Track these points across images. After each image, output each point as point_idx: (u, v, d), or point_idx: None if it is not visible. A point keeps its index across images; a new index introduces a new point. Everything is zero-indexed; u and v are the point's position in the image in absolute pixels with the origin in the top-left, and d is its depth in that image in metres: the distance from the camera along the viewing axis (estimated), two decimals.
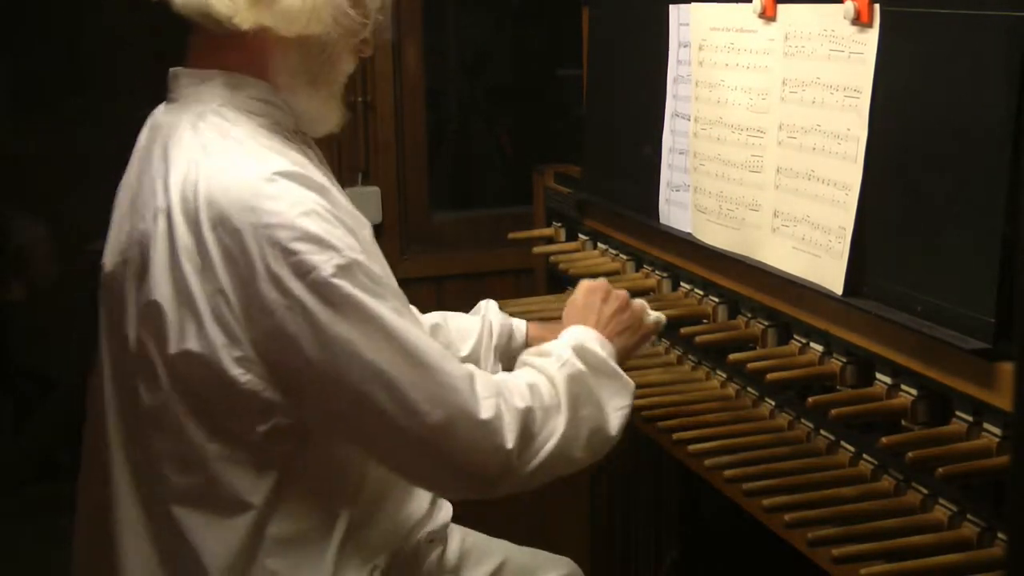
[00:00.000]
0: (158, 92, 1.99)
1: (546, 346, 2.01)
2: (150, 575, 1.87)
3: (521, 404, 1.86)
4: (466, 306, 2.46)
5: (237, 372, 1.77)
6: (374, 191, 3.51)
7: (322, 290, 1.74)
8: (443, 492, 1.99)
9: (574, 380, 1.94)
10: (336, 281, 1.74)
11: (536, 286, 3.10)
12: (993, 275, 1.69)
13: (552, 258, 2.86)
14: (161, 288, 1.79)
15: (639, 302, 2.17)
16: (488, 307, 2.39)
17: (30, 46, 4.29)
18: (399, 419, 1.78)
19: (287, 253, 1.73)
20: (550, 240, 2.97)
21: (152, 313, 1.80)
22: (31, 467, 4.36)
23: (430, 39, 3.76)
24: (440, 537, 2.12)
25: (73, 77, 4.32)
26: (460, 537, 2.22)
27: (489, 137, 4.43)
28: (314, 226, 1.75)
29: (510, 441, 1.83)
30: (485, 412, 1.81)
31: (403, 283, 1.99)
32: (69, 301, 4.34)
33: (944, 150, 1.80)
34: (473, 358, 2.31)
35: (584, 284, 2.17)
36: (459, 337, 2.32)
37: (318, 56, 1.92)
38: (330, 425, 1.84)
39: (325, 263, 1.73)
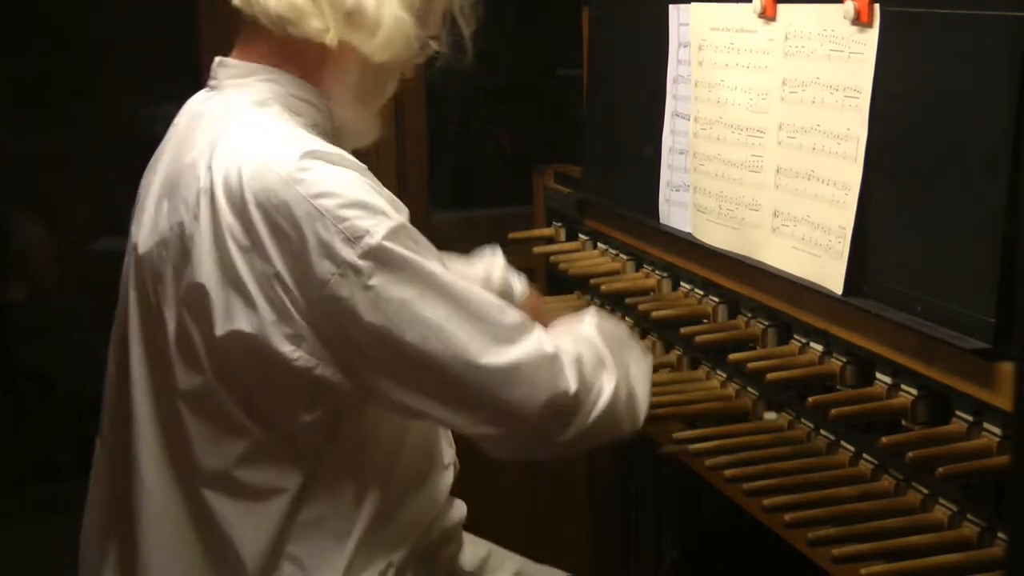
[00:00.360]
0: (157, 92, 1.99)
1: (569, 320, 2.06)
2: (184, 557, 1.87)
3: (573, 351, 1.89)
4: None
5: (287, 349, 1.77)
6: None
7: (374, 254, 1.75)
8: (507, 447, 1.93)
9: (609, 340, 2.00)
10: (388, 244, 1.76)
11: (536, 286, 3.10)
12: (993, 275, 1.69)
13: (552, 258, 2.86)
14: (205, 270, 1.79)
15: None
16: (494, 255, 2.44)
17: (30, 46, 4.29)
18: (461, 374, 1.79)
19: (337, 220, 1.75)
20: (550, 240, 2.97)
21: (196, 295, 1.80)
22: (31, 467, 4.37)
23: None
24: (455, 536, 2.12)
25: (73, 77, 4.32)
26: (475, 546, 2.22)
27: (489, 137, 4.43)
28: (362, 194, 1.78)
29: (572, 384, 1.86)
30: (548, 347, 1.86)
31: None
32: (69, 301, 4.35)
33: (944, 150, 1.80)
34: None
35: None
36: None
37: (373, 76, 1.96)
38: (390, 392, 1.82)
39: (375, 227, 1.76)
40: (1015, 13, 1.67)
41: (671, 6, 2.48)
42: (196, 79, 2.04)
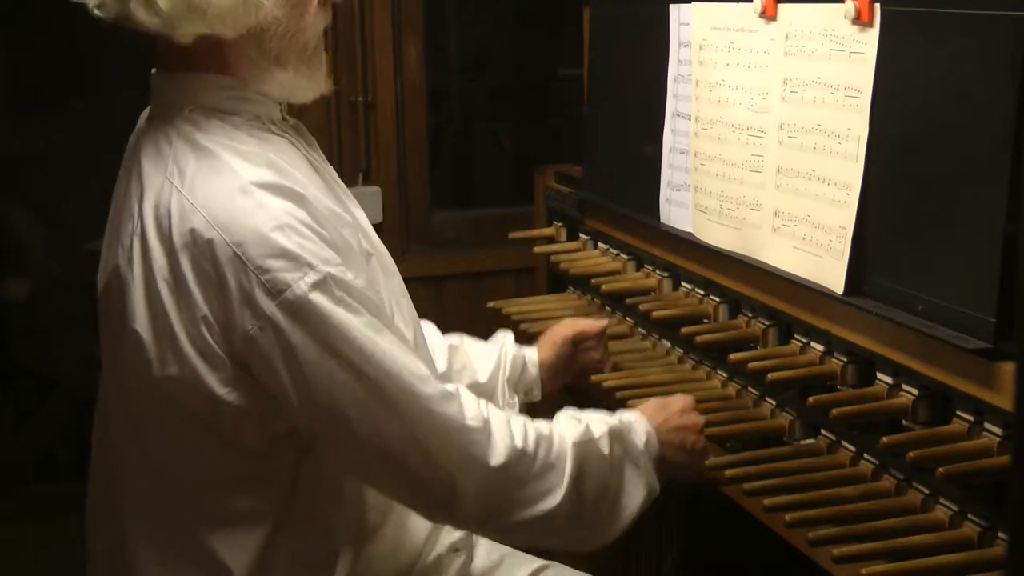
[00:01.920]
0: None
1: (586, 414, 1.98)
2: None
3: (519, 444, 1.83)
4: (466, 306, 2.46)
5: (223, 391, 1.76)
6: (375, 191, 3.51)
7: (293, 309, 1.71)
8: (420, 511, 1.92)
9: (588, 456, 1.90)
10: (309, 298, 1.71)
11: (537, 286, 3.10)
12: (994, 274, 1.69)
13: (553, 258, 2.86)
14: (139, 316, 1.77)
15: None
16: (506, 338, 2.40)
17: (30, 45, 4.29)
18: (369, 438, 1.76)
19: (260, 271, 1.70)
20: (551, 240, 2.97)
21: (134, 341, 1.78)
22: (31, 467, 4.36)
23: (431, 39, 3.76)
24: (465, 545, 2.09)
25: (73, 77, 4.32)
26: (488, 551, 2.18)
27: (489, 137, 4.43)
28: (287, 241, 1.71)
29: (496, 458, 1.80)
30: (470, 421, 1.80)
31: (403, 283, 1.98)
32: (69, 301, 4.35)
33: (945, 150, 1.80)
34: (491, 386, 2.30)
35: (679, 397, 2.13)
36: (477, 361, 2.32)
37: (273, 36, 1.83)
38: (312, 437, 1.81)
39: (297, 281, 1.70)
40: (1015, 13, 1.67)
41: (672, 6, 2.47)
42: None
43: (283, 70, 1.86)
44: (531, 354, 2.38)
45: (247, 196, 1.73)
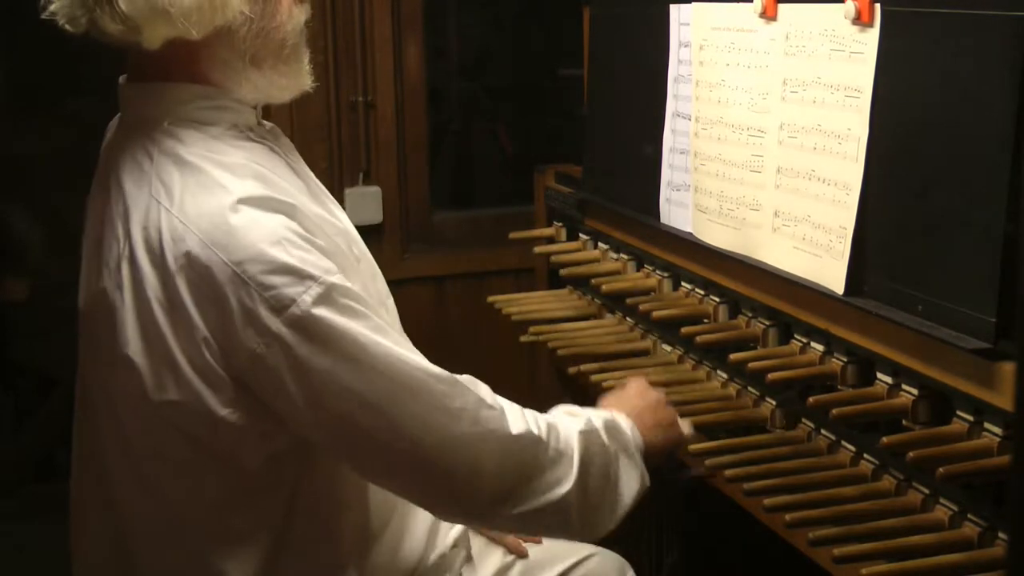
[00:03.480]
0: None
1: (577, 408, 1.97)
2: None
3: (533, 430, 1.81)
4: (466, 305, 2.45)
5: (225, 412, 1.72)
6: (375, 191, 3.51)
7: (300, 324, 1.66)
8: (439, 505, 1.87)
9: (592, 446, 1.88)
10: (315, 312, 1.66)
11: (537, 286, 3.10)
12: (994, 274, 1.69)
13: (553, 258, 2.86)
14: (132, 342, 1.73)
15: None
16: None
17: (30, 45, 4.29)
18: (384, 438, 1.73)
19: (262, 288, 1.65)
20: (551, 240, 2.97)
21: (127, 366, 1.74)
22: (31, 467, 4.36)
23: (431, 39, 3.77)
24: (463, 541, 2.08)
25: (72, 77, 4.32)
26: (481, 545, 2.17)
27: (490, 137, 4.43)
28: (287, 255, 1.66)
29: (514, 430, 1.77)
30: (485, 409, 1.77)
31: (403, 283, 1.97)
32: (69, 301, 4.35)
33: (945, 150, 1.80)
34: None
35: (632, 382, 2.11)
36: None
37: (245, 35, 1.77)
38: (325, 448, 1.79)
39: (301, 295, 1.66)
40: (1015, 13, 1.67)
41: (672, 6, 2.48)
42: None
43: (259, 71, 1.80)
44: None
45: (238, 213, 1.68)
